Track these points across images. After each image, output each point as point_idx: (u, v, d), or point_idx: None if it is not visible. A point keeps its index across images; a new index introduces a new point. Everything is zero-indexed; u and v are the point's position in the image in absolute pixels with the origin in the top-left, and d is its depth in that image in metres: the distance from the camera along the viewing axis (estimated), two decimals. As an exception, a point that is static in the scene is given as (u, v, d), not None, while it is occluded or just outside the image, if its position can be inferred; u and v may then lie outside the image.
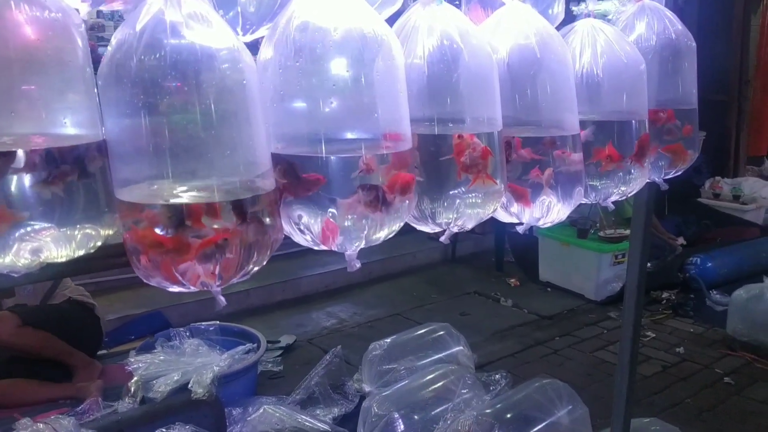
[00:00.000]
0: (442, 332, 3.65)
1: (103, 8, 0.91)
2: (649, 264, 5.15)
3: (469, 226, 1.14)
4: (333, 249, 0.99)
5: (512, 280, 5.29)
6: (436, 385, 3.04)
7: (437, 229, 1.16)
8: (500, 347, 4.16)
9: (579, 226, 5.03)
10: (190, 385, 2.96)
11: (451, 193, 1.10)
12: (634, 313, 1.76)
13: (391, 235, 1.03)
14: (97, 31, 4.49)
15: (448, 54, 1.08)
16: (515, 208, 1.26)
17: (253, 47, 0.96)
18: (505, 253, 5.62)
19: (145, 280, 0.90)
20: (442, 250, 5.81)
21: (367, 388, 3.37)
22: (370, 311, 4.76)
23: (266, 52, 0.95)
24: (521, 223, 1.29)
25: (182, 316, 4.30)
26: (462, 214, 1.11)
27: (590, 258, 4.89)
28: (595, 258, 4.86)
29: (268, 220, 0.90)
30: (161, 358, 3.26)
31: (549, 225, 1.26)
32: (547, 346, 4.19)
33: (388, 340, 3.53)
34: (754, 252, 5.41)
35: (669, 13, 1.51)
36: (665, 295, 4.91)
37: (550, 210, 1.23)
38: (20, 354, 3.41)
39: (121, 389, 3.15)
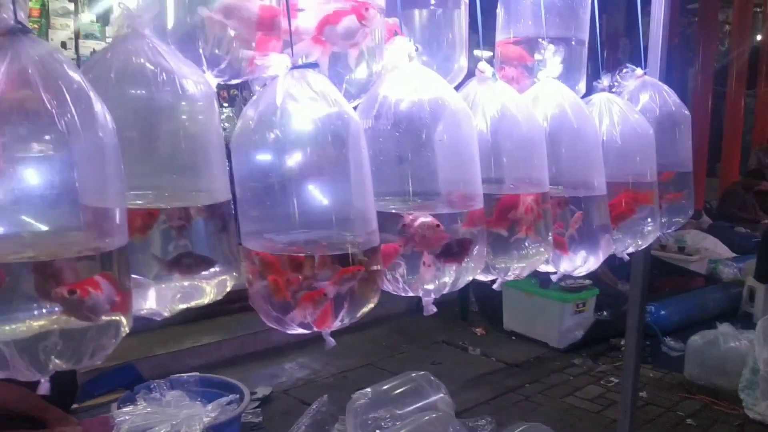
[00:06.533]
0: (421, 380, 3.74)
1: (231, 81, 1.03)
2: (605, 312, 5.43)
3: (524, 274, 1.28)
4: (418, 294, 1.11)
5: (478, 329, 5.43)
6: (424, 433, 3.11)
7: (491, 278, 1.30)
8: (474, 395, 4.27)
9: (541, 276, 5.25)
10: (179, 437, 2.96)
11: (508, 244, 1.24)
12: (634, 355, 1.91)
13: (462, 285, 1.16)
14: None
15: (508, 123, 1.23)
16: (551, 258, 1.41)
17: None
18: (469, 303, 5.78)
19: (266, 322, 0.99)
20: (407, 300, 5.91)
21: (352, 437, 3.40)
22: (343, 361, 4.80)
23: (365, 122, 1.08)
24: (554, 273, 1.45)
25: (153, 368, 4.24)
26: (519, 263, 1.25)
27: (553, 307, 5.09)
28: (558, 307, 5.06)
29: (374, 272, 1.01)
30: (147, 410, 3.24)
31: (583, 273, 1.41)
32: (518, 393, 4.33)
33: (370, 390, 3.60)
34: (702, 301, 5.75)
35: (666, 88, 1.72)
36: (623, 341, 5.13)
37: (585, 260, 1.39)
38: (-7, 409, 3.31)
39: (99, 444, 3.10)
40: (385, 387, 3.66)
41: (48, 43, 0.79)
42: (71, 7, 5.24)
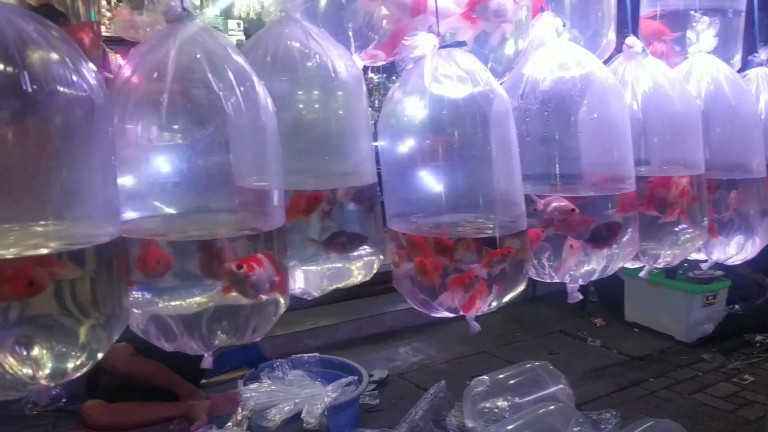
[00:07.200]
0: (540, 370, 3.65)
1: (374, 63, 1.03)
2: (737, 306, 5.09)
3: (675, 262, 1.20)
4: (564, 280, 1.07)
5: (597, 320, 5.24)
6: (545, 423, 3.04)
7: (638, 265, 1.23)
8: (594, 387, 4.12)
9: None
10: (302, 416, 3.06)
11: (659, 229, 1.17)
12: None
13: (613, 271, 1.11)
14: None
15: (660, 101, 1.16)
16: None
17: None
18: (588, 293, 5.58)
19: (412, 304, 0.99)
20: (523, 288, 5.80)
21: (469, 423, 3.38)
22: (457, 348, 4.78)
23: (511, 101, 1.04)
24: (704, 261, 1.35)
25: (274, 348, 4.40)
26: (671, 250, 1.18)
27: (680, 299, 4.82)
28: (686, 299, 4.79)
29: (523, 255, 0.98)
30: (271, 388, 3.36)
31: (738, 262, 1.31)
32: (642, 388, 4.13)
33: (487, 377, 3.55)
34: None
35: (833, 60, 1.56)
36: (759, 337, 4.79)
37: (741, 248, 1.29)
38: (132, 382, 3.55)
39: (226, 418, 3.26)
40: (502, 375, 3.60)
41: (214, 30, 0.82)
42: (197, 2, 5.49)
